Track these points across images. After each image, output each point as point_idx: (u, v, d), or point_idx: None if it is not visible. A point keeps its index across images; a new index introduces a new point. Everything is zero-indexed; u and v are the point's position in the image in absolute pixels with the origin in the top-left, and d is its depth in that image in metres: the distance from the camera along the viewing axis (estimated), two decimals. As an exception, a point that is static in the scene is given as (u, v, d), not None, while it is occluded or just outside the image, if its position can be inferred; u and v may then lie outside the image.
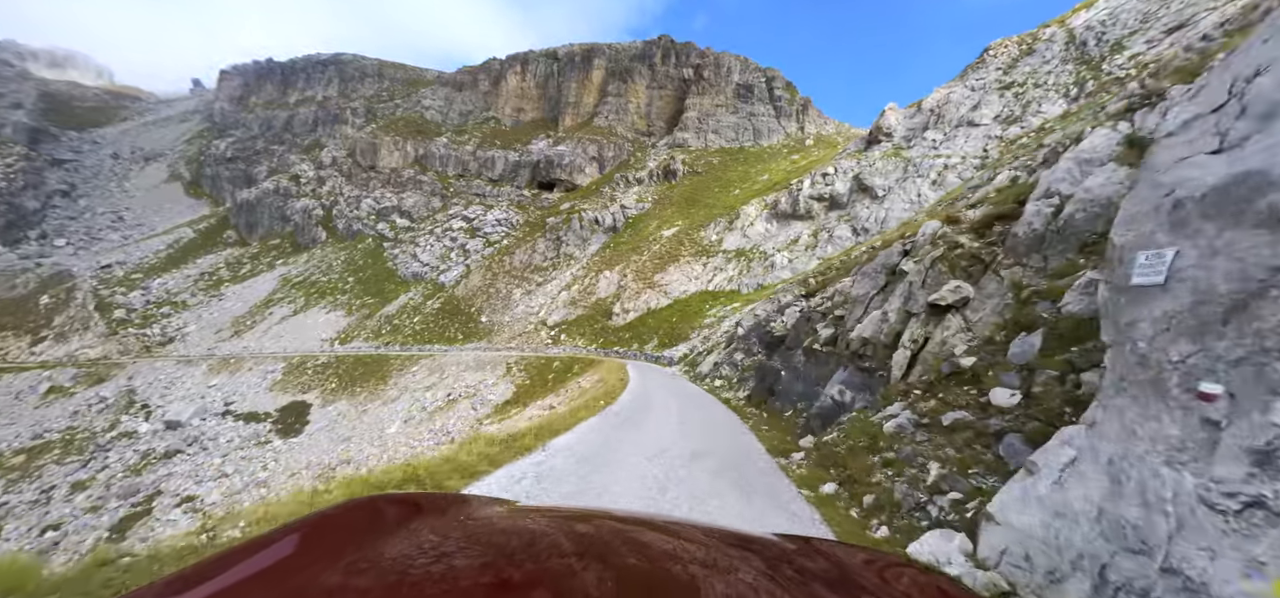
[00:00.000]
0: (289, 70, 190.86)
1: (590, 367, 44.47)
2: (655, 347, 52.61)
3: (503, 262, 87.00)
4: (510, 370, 58.79)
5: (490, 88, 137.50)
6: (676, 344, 50.00)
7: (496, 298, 79.52)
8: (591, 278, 73.27)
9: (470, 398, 56.55)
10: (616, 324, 62.19)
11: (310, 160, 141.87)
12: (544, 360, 57.32)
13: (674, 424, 11.81)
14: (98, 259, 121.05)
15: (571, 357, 56.59)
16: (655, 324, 57.35)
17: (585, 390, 25.73)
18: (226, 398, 69.99)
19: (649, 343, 54.75)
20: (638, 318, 60.90)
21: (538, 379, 52.76)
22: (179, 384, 73.37)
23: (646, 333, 56.84)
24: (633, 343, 56.88)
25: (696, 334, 49.80)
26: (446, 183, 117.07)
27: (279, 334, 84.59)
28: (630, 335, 58.41)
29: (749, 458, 9.23)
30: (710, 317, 52.32)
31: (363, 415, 61.57)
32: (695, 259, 65.47)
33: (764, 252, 59.32)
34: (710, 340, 40.71)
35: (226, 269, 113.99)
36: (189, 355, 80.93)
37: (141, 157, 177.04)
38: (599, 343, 61.02)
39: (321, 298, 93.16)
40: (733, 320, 46.38)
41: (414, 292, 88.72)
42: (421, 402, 58.82)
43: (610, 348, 57.88)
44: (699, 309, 55.66)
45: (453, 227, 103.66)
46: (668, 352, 48.19)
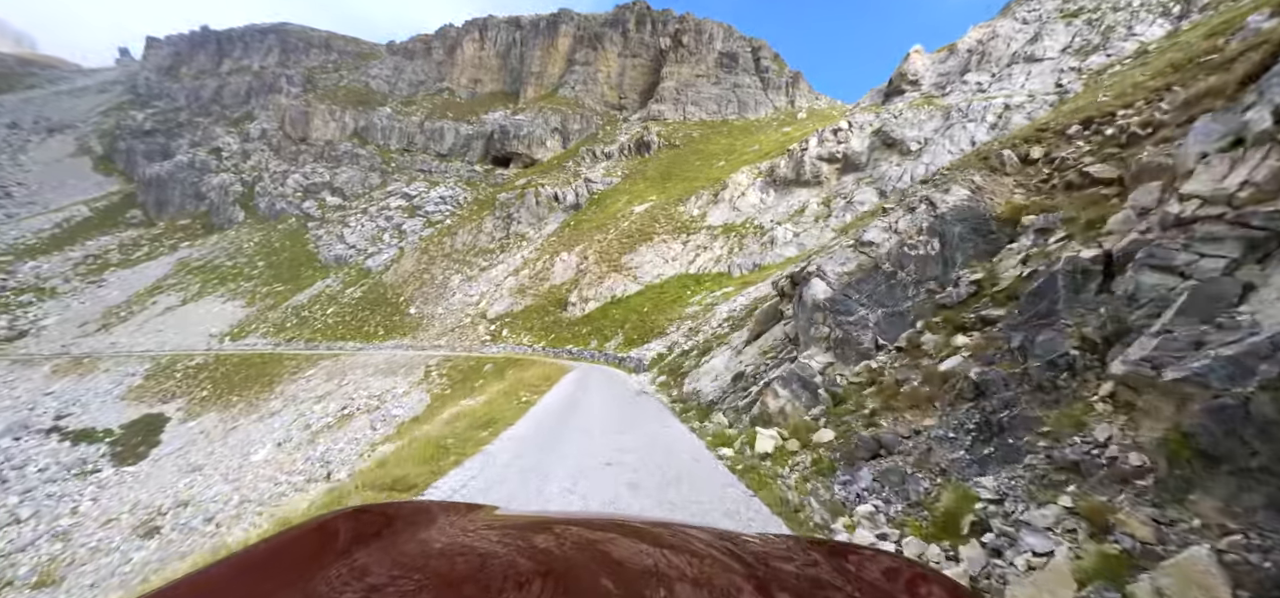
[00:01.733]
0: (226, 39, 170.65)
1: (519, 373, 30.17)
2: (620, 345, 38.59)
3: (443, 243, 71.66)
4: (428, 376, 44.05)
5: (445, 57, 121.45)
6: (648, 341, 36.12)
7: (431, 286, 64.33)
8: (545, 261, 58.81)
9: (371, 413, 41.77)
10: (573, 316, 47.95)
11: (237, 133, 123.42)
12: (474, 362, 42.78)
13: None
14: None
15: (509, 358, 42.16)
16: (621, 316, 43.36)
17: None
18: (61, 410, 52.98)
19: (612, 339, 40.69)
20: (599, 309, 46.81)
21: (462, 386, 38.54)
22: (4, 391, 56.08)
23: (610, 327, 42.75)
24: (591, 339, 42.71)
25: (676, 327, 36.02)
26: (388, 157, 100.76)
27: (159, 328, 67.49)
28: (589, 330, 44.23)
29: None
30: (693, 304, 38.62)
31: (230, 435, 45.99)
32: (672, 237, 51.83)
33: (760, 225, 46.04)
34: (701, 334, 26.96)
35: (119, 252, 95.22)
36: (33, 354, 63.30)
37: (45, 127, 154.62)
38: (549, 339, 46.65)
39: (222, 285, 76.07)
40: (728, 306, 32.73)
41: (333, 278, 72.59)
42: (308, 417, 43.60)
43: (562, 346, 43.63)
44: (678, 296, 41.94)
45: (389, 206, 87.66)
46: (635, 352, 34.24)
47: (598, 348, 40.02)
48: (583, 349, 41.01)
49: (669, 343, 31.31)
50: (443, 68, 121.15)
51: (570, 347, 42.60)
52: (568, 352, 42.55)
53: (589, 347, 41.08)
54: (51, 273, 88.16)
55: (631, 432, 9.74)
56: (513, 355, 42.67)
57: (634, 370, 29.47)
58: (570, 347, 42.60)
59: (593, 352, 39.80)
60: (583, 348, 41.21)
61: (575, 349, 41.94)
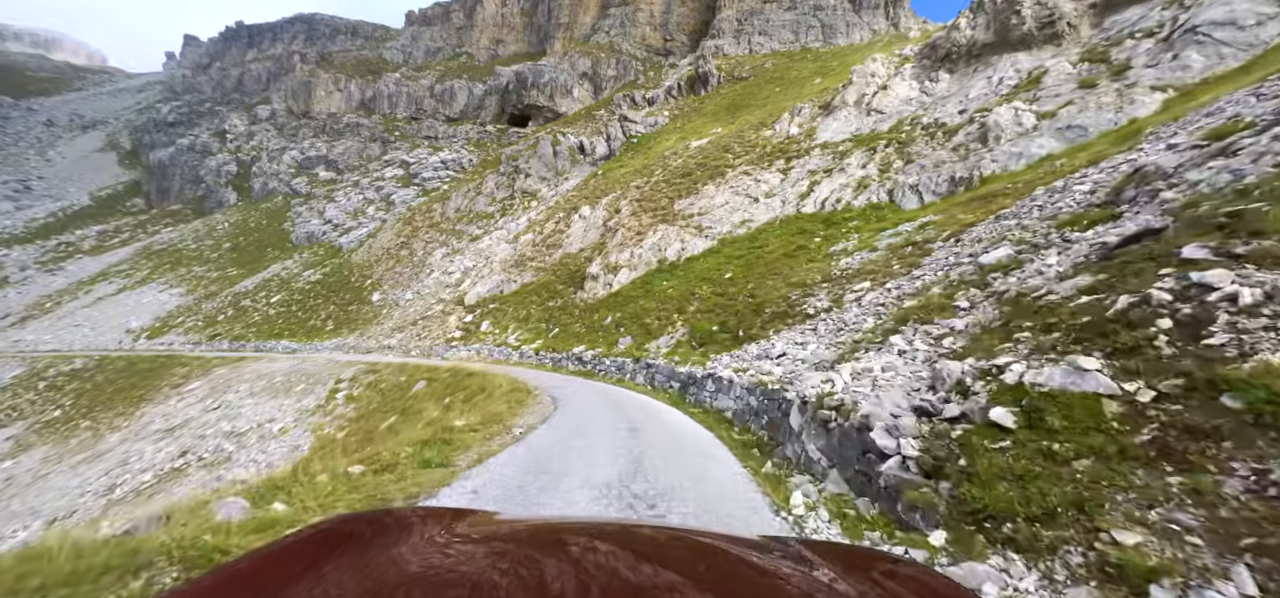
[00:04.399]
0: (256, 32, 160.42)
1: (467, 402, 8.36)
2: (677, 350, 16.94)
3: (431, 212, 52.17)
4: (331, 398, 23.46)
5: (465, 21, 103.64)
6: (746, 343, 14.27)
7: (407, 264, 44.88)
8: (558, 222, 38.02)
9: (216, 466, 19.56)
10: (590, 298, 26.76)
11: (247, 116, 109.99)
12: (409, 377, 22.24)
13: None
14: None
15: (461, 372, 21.17)
16: (677, 293, 21.83)
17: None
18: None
19: (658, 337, 19.06)
20: (637, 282, 25.45)
21: (371, 419, 17.61)
22: None
23: (654, 314, 21.18)
24: (619, 335, 21.36)
25: (825, 313, 13.99)
26: (392, 126, 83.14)
27: (77, 323, 51.07)
28: (619, 318, 22.77)
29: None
30: (852, 256, 16.71)
31: (46, 480, 27.34)
32: (760, 166, 29.90)
33: (938, 123, 23.62)
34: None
35: (95, 240, 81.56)
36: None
37: (79, 125, 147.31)
38: (549, 338, 25.48)
39: (170, 271, 59.42)
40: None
41: (294, 260, 54.35)
42: (132, 464, 23.36)
43: (567, 350, 22.48)
44: (798, 250, 20.13)
45: (384, 176, 69.43)
46: (718, 369, 12.38)
47: (632, 353, 18.71)
48: (603, 354, 19.84)
49: (827, 346, 9.46)
50: (462, 33, 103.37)
51: (581, 350, 21.44)
52: (576, 360, 21.36)
53: (614, 350, 19.83)
54: (16, 261, 75.05)
55: None
56: (465, 366, 21.65)
57: (724, 421, 7.43)
58: (581, 350, 21.44)
59: (619, 362, 18.42)
60: (603, 352, 20.05)
61: (589, 354, 20.71)
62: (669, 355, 16.44)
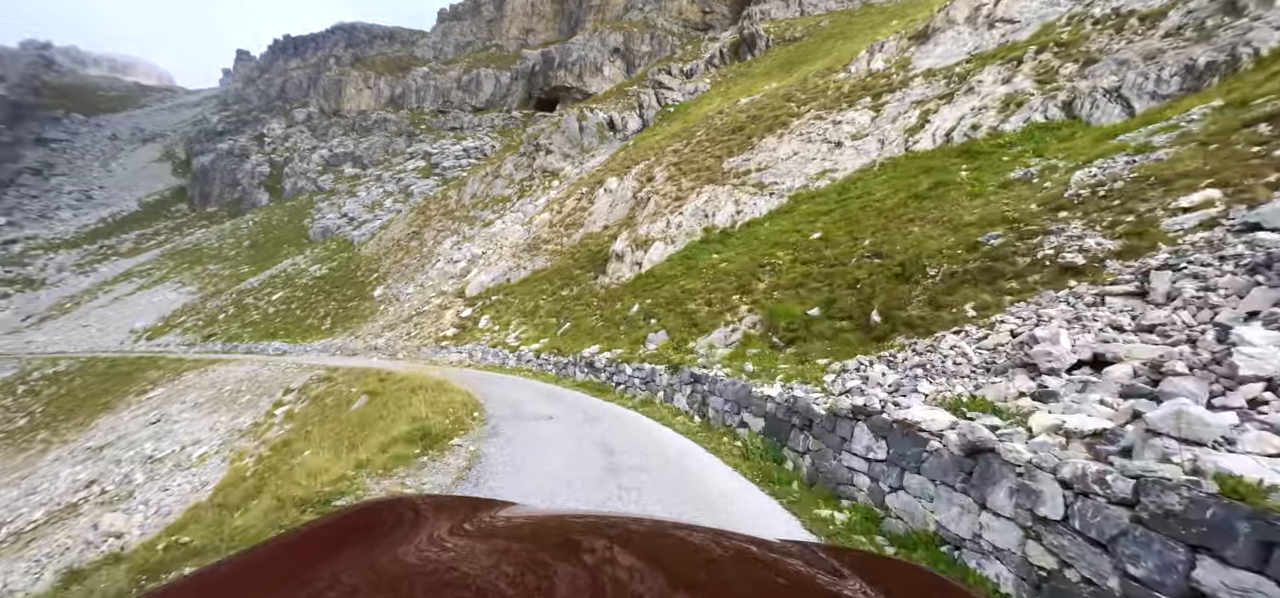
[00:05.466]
0: (302, 43, 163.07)
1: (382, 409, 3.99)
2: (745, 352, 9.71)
3: (446, 199, 46.71)
4: (269, 416, 16.67)
5: (495, 13, 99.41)
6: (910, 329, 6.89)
7: (417, 254, 39.41)
8: (580, 199, 31.44)
9: (125, 497, 12.66)
10: (611, 283, 19.92)
11: (284, 119, 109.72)
12: (360, 386, 15.68)
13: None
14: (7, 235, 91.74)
15: (411, 383, 14.15)
16: (732, 268, 14.80)
17: None
18: None
19: (709, 330, 11.92)
20: (670, 261, 18.48)
21: (301, 439, 13.53)
22: None
23: (697, 297, 14.14)
24: (649, 329, 14.40)
25: (1109, 260, 6.37)
26: (418, 119, 79.28)
27: (86, 324, 48.30)
28: (647, 307, 15.84)
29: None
30: (1051, 178, 9.15)
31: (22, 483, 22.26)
32: (838, 106, 22.39)
33: (1134, 10, 15.72)
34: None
35: (133, 243, 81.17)
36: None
37: (140, 138, 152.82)
38: (557, 336, 18.74)
39: (187, 270, 56.55)
40: None
41: (304, 255, 50.03)
42: (49, 489, 17.16)
43: (577, 351, 15.66)
44: (944, 190, 12.78)
45: (406, 169, 65.12)
46: (923, 405, 4.73)
47: (667, 356, 11.69)
48: (623, 357, 12.90)
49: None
50: (492, 25, 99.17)
51: (594, 352, 14.59)
52: (586, 366, 14.48)
53: (641, 352, 12.88)
54: (57, 265, 75.00)
55: None
56: (423, 375, 15.08)
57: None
58: (594, 352, 14.59)
59: (648, 371, 11.37)
60: (624, 355, 13.10)
61: (604, 358, 13.75)
62: (731, 360, 9.29)
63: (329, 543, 0.94)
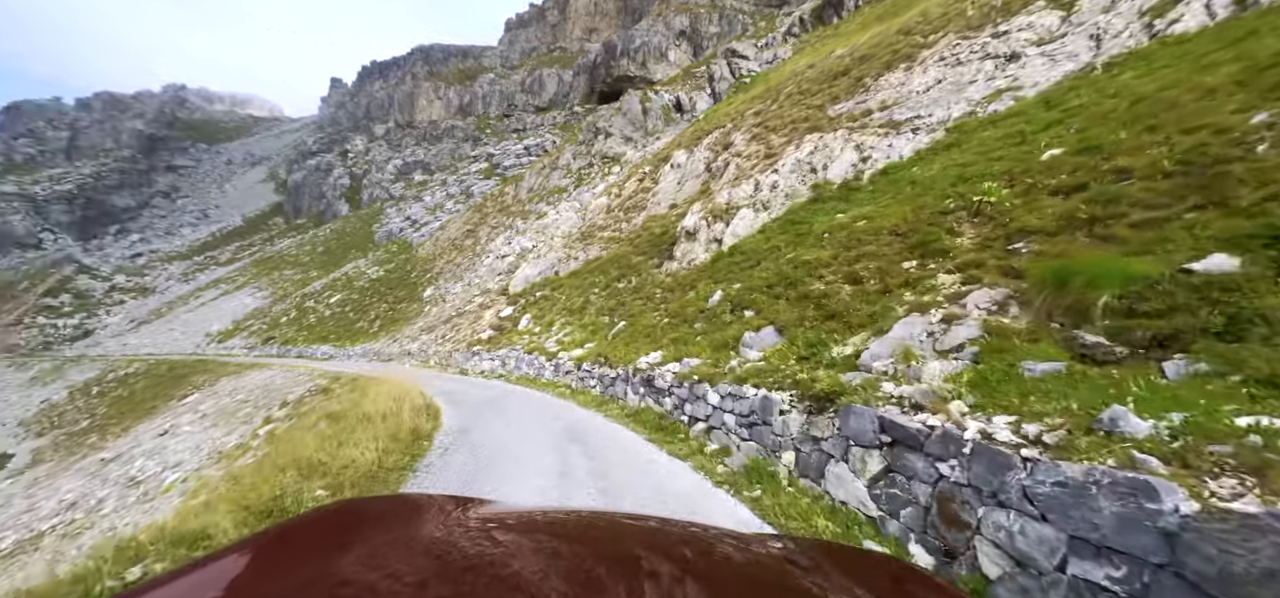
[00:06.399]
0: (385, 67, 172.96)
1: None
2: (996, 386, 3.98)
3: (503, 196, 43.69)
4: (256, 436, 12.50)
5: (559, 18, 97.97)
6: None
7: (468, 253, 36.36)
8: (642, 180, 26.56)
9: (86, 528, 8.59)
10: (681, 269, 14.75)
11: (366, 136, 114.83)
12: (356, 400, 11.26)
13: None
14: (132, 248, 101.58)
15: (375, 410, 8.94)
16: (888, 220, 9.12)
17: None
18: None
19: (861, 332, 6.29)
20: (763, 232, 13.01)
21: (274, 466, 7.17)
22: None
23: (831, 271, 8.54)
24: (741, 325, 8.97)
25: None
26: (484, 124, 78.51)
27: (170, 327, 49.92)
28: (734, 294, 10.41)
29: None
30: None
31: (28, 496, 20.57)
32: (988, 23, 16.02)
33: None
34: None
35: (231, 253, 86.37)
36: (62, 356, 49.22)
37: (249, 162, 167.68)
38: (607, 341, 13.76)
39: (265, 276, 57.88)
40: None
41: (366, 259, 48.94)
42: (42, 509, 14.09)
43: (627, 364, 10.51)
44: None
45: (469, 171, 63.73)
46: None
47: (790, 371, 6.32)
48: (706, 371, 7.67)
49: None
50: (557, 29, 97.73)
51: (654, 362, 9.45)
52: (643, 385, 9.25)
53: (731, 363, 7.59)
54: (168, 274, 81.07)
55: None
56: (397, 391, 10.46)
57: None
58: (654, 362, 9.45)
59: (758, 410, 5.99)
60: (707, 366, 7.89)
61: (671, 373, 8.48)
62: (1003, 391, 3.66)
63: (307, 541, 0.92)
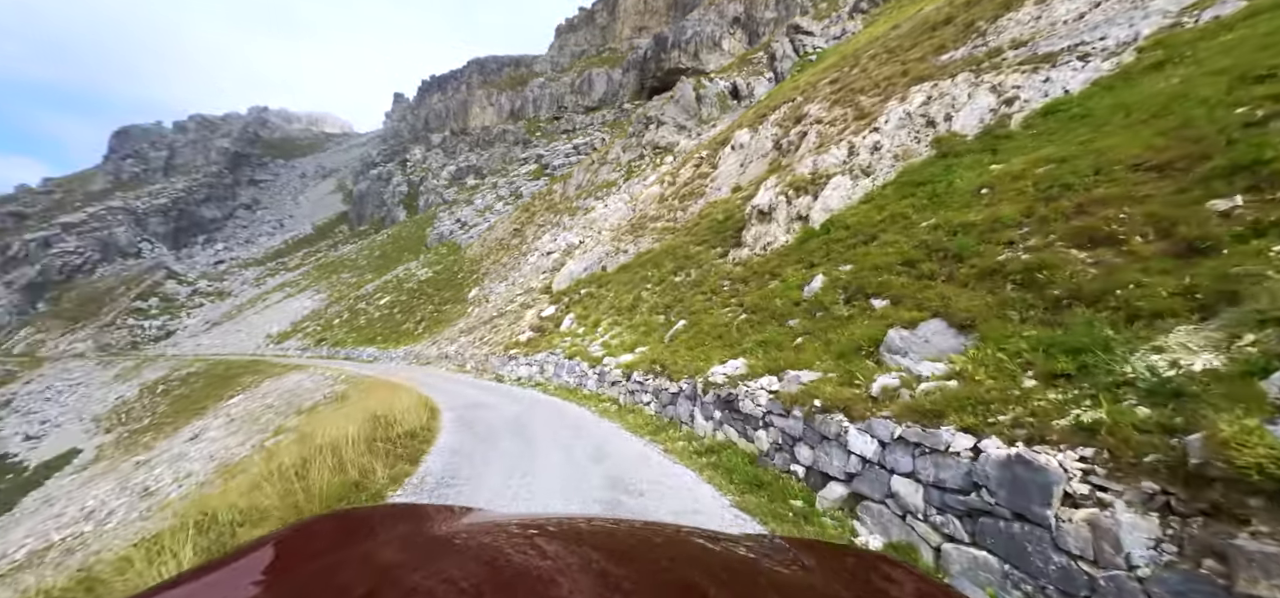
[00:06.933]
0: (443, 80, 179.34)
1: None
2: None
3: (550, 194, 42.04)
4: (261, 448, 10.28)
5: (608, 19, 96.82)
6: None
7: (515, 252, 34.80)
8: (698, 165, 23.73)
9: (66, 552, 6.80)
10: (754, 254, 11.79)
11: (423, 145, 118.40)
12: (358, 407, 9.02)
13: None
14: (216, 255, 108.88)
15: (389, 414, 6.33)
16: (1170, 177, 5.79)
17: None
18: (45, 428, 36.68)
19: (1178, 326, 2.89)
20: (871, 200, 9.90)
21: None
22: (34, 401, 43.43)
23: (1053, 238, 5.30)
24: (868, 321, 5.98)
25: None
26: (534, 127, 78.10)
27: (238, 329, 51.64)
28: (844, 278, 7.52)
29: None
30: None
31: (69, 498, 20.19)
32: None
33: None
34: None
35: (300, 259, 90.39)
36: (145, 356, 52.04)
37: (320, 175, 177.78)
38: (665, 345, 11.00)
39: (324, 280, 59.26)
40: None
41: (417, 261, 48.65)
42: (62, 518, 13.03)
43: (692, 373, 7.69)
44: None
45: (519, 173, 63.08)
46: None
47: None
48: (851, 411, 4.79)
49: None
50: (606, 30, 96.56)
51: (737, 373, 6.66)
52: (717, 408, 6.36)
53: (867, 389, 4.69)
54: (242, 279, 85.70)
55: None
56: (402, 406, 8.08)
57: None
58: (737, 373, 6.66)
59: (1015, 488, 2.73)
60: (846, 398, 5.08)
61: (763, 391, 5.65)
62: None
63: (298, 552, 0.90)
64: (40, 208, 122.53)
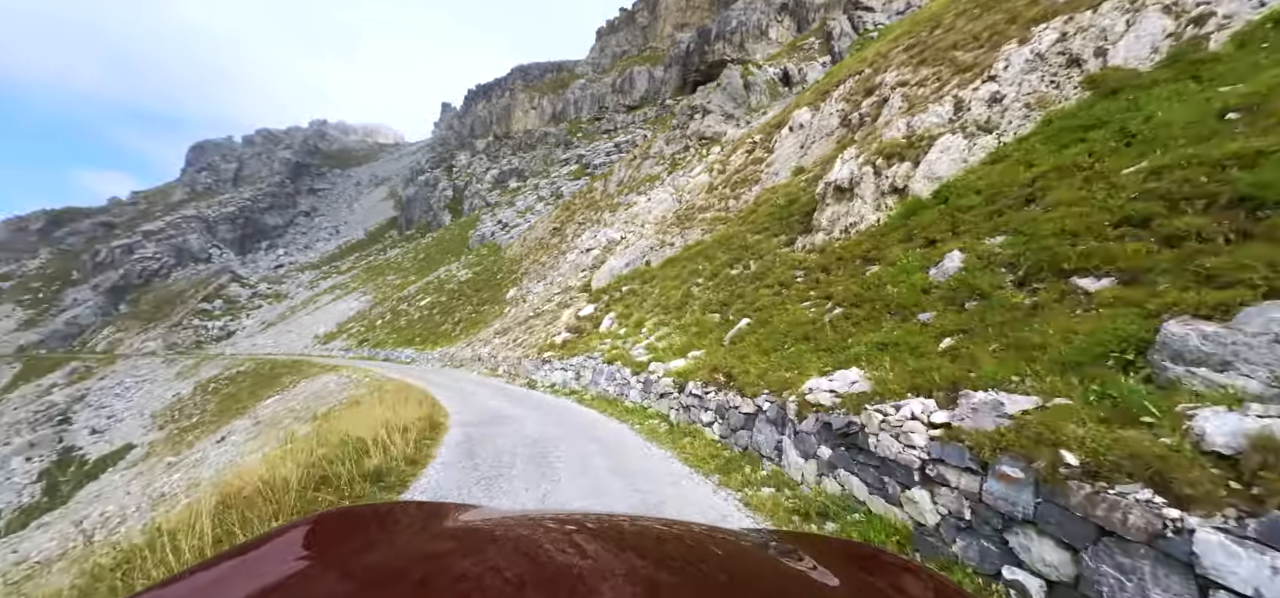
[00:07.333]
0: (487, 88, 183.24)
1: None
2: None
3: (591, 191, 40.62)
4: (267, 458, 8.79)
5: (649, 17, 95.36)
6: None
7: (553, 251, 33.52)
8: (751, 149, 21.50)
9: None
10: (831, 238, 9.62)
11: (468, 151, 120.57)
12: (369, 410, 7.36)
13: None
14: (277, 260, 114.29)
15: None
16: None
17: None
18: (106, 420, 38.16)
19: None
20: (1001, 163, 7.51)
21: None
22: (105, 396, 45.52)
23: None
24: (1078, 320, 3.50)
25: None
26: (576, 128, 77.44)
27: (289, 329, 52.91)
28: (1021, 249, 5.23)
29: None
30: None
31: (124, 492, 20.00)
32: None
33: None
34: None
35: (351, 262, 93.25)
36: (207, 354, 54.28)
37: (373, 183, 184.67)
38: (724, 348, 8.93)
39: (370, 282, 60.18)
40: None
41: (458, 263, 48.34)
42: (81, 527, 12.45)
43: (763, 392, 5.59)
44: None
45: (560, 174, 62.28)
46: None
47: None
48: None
49: None
50: (647, 30, 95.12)
51: (845, 390, 4.55)
52: (831, 438, 4.27)
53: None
54: (298, 282, 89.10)
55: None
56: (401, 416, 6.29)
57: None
58: (845, 390, 4.55)
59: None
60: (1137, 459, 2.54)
61: (969, 441, 3.50)
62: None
63: (292, 550, 0.90)
64: (126, 218, 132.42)
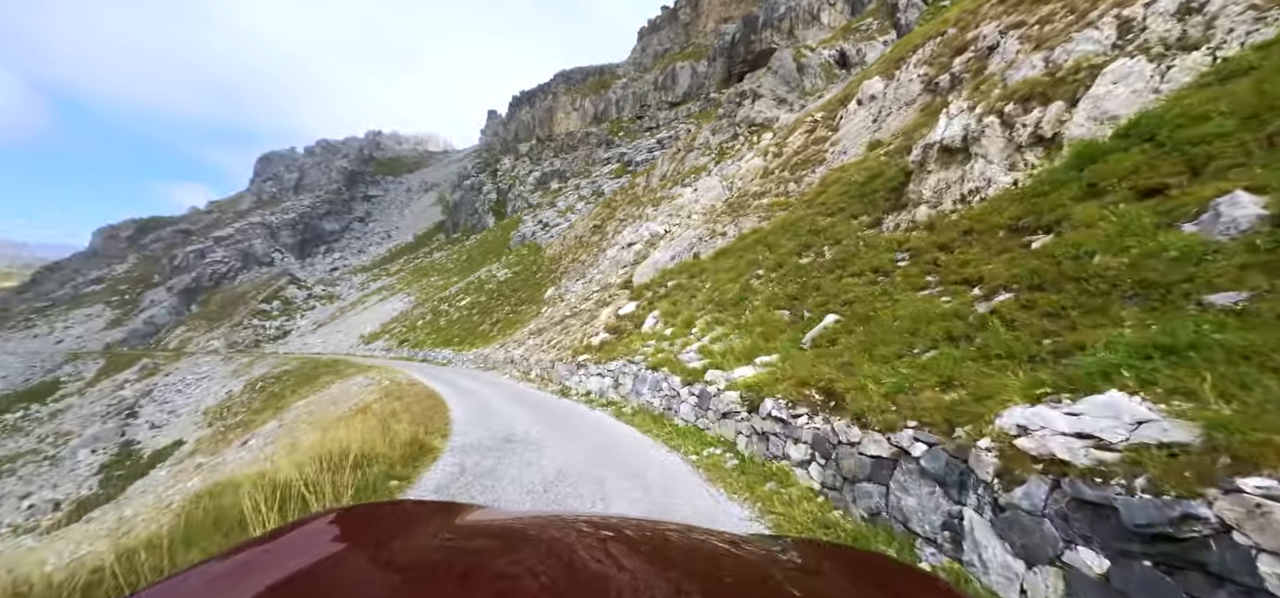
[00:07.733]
0: (531, 94, 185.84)
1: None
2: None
3: (633, 187, 38.90)
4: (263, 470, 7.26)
5: (691, 15, 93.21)
6: None
7: (593, 248, 32.00)
8: (811, 129, 19.10)
9: None
10: (941, 212, 7.36)
11: (512, 155, 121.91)
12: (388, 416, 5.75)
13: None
14: (332, 264, 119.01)
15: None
16: None
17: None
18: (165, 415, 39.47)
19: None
20: (1235, 89, 5.18)
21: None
22: (169, 392, 47.31)
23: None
24: None
25: None
26: (617, 127, 76.23)
27: (338, 329, 53.86)
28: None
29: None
30: None
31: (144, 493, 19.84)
32: None
33: None
34: None
35: (400, 265, 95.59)
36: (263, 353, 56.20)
37: (423, 189, 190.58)
38: (806, 352, 6.81)
39: (415, 283, 60.77)
40: None
41: (499, 263, 47.66)
42: (107, 522, 11.60)
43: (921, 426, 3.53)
44: None
45: (602, 172, 61.08)
46: None
47: None
48: None
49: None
50: (689, 27, 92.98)
51: (1135, 441, 2.45)
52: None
53: None
54: (350, 284, 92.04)
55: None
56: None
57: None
58: (1135, 441, 2.45)
59: None
60: None
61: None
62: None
63: (306, 548, 0.90)
64: (201, 225, 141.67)
